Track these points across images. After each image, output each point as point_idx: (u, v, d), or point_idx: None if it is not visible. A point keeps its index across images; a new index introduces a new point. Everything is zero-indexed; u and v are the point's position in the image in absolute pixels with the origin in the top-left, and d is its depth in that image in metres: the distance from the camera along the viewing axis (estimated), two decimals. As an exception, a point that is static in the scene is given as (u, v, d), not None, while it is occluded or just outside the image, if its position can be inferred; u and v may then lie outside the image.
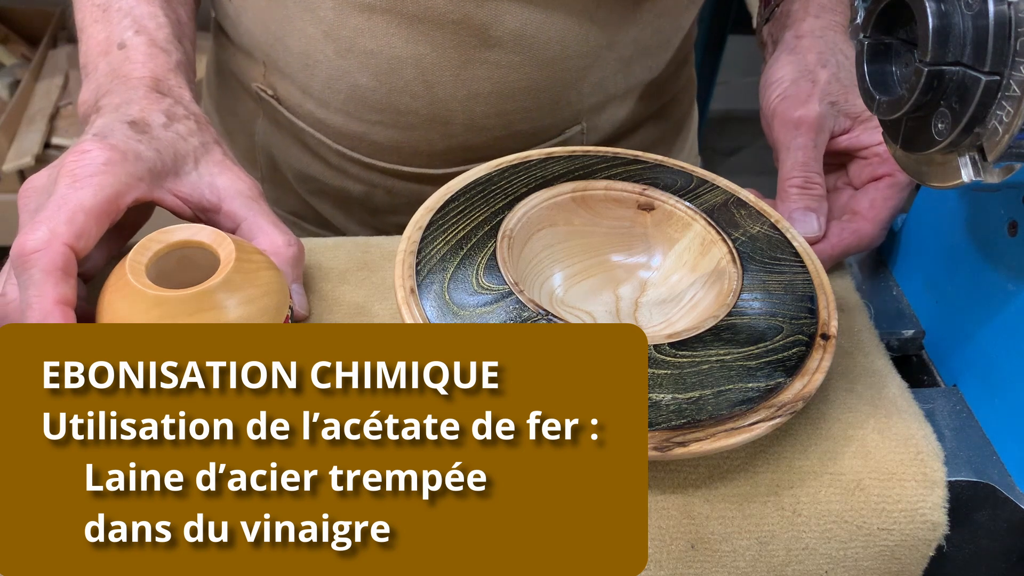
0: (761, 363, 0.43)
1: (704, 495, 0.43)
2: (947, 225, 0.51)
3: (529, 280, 0.50)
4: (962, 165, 0.39)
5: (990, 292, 0.47)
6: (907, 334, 0.53)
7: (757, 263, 0.48)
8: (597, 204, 0.52)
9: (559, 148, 0.55)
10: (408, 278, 0.46)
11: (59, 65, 1.82)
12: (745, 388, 0.41)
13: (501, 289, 0.45)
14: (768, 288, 0.47)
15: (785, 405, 0.41)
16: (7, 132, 1.71)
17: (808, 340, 0.44)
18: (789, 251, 0.49)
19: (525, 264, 0.50)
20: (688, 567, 0.42)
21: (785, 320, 0.45)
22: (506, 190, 0.51)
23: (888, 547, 0.43)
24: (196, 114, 0.51)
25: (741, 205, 0.52)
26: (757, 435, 0.40)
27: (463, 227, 0.49)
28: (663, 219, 0.52)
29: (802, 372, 0.43)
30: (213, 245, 0.43)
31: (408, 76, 0.60)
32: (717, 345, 0.43)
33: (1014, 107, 0.35)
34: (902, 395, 0.47)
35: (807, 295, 0.46)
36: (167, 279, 0.42)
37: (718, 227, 0.50)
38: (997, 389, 0.46)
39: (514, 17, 0.57)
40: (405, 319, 0.44)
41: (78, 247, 0.41)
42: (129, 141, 0.46)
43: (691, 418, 0.40)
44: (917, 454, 0.44)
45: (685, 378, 0.42)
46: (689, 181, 0.53)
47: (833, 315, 0.46)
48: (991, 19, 0.35)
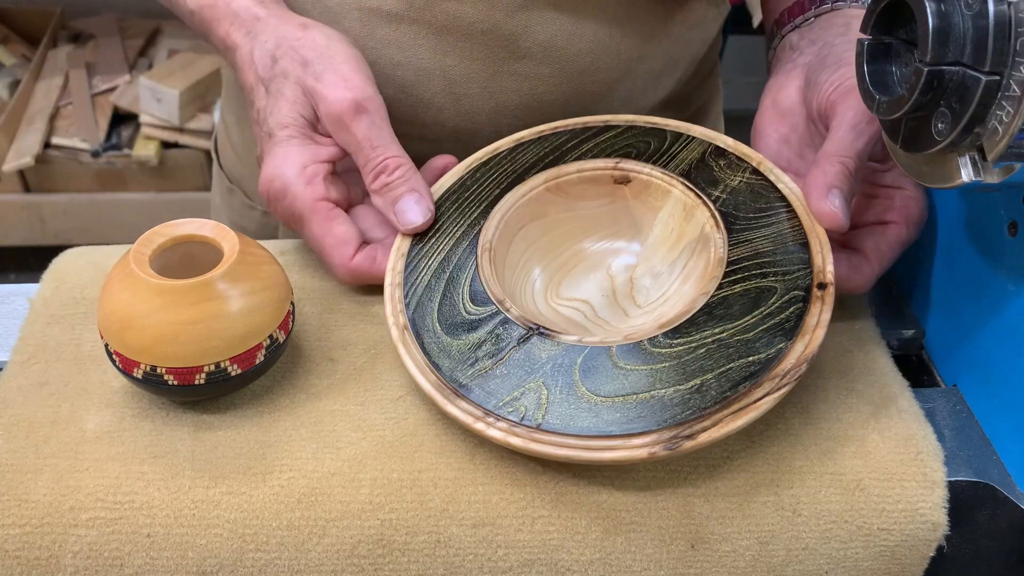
0: (759, 332, 0.42)
1: (704, 495, 0.43)
2: (947, 225, 0.51)
3: (519, 286, 0.49)
4: (962, 165, 0.39)
5: (990, 292, 0.47)
6: (907, 334, 0.53)
7: (742, 220, 0.46)
8: (572, 188, 0.51)
9: (527, 131, 0.53)
10: (399, 313, 0.46)
11: (59, 65, 1.82)
12: (746, 363, 0.41)
13: (489, 311, 0.45)
14: (756, 247, 0.45)
15: (788, 372, 0.40)
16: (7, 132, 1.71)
17: (804, 295, 0.43)
18: (774, 196, 0.47)
19: (511, 270, 0.49)
20: (688, 567, 0.42)
21: (778, 278, 0.43)
22: (479, 195, 0.50)
23: (888, 547, 0.43)
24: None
25: (720, 154, 0.50)
26: (764, 410, 0.40)
27: (443, 246, 0.48)
28: (641, 190, 0.51)
29: (802, 332, 0.41)
30: (216, 238, 0.44)
31: (435, 88, 0.59)
32: (711, 324, 0.42)
33: (1014, 107, 0.35)
34: (902, 394, 0.47)
35: (798, 243, 0.45)
36: (170, 274, 0.43)
37: (696, 189, 0.48)
38: (997, 389, 0.46)
39: (544, 28, 0.57)
40: (403, 359, 0.44)
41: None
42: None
43: (696, 408, 0.40)
44: (917, 454, 0.44)
45: (685, 367, 0.41)
46: (663, 140, 0.51)
47: (828, 259, 0.44)
48: (991, 19, 0.35)
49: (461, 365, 0.43)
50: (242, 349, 0.43)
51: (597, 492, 0.42)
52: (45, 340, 0.49)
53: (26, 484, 0.42)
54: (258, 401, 0.46)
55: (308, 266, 0.54)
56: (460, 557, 0.42)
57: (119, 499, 0.42)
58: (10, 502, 0.42)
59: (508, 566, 0.42)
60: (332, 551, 0.42)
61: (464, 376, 0.43)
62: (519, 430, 0.41)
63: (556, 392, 0.42)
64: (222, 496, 0.42)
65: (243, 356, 0.43)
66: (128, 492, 0.42)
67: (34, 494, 0.42)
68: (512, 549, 0.42)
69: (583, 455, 0.40)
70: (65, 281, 0.52)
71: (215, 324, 0.42)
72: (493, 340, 0.44)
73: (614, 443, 0.40)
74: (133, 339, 0.42)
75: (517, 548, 0.42)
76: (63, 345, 0.49)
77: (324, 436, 0.44)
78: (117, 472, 0.43)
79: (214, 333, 0.42)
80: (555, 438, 0.40)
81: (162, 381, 0.42)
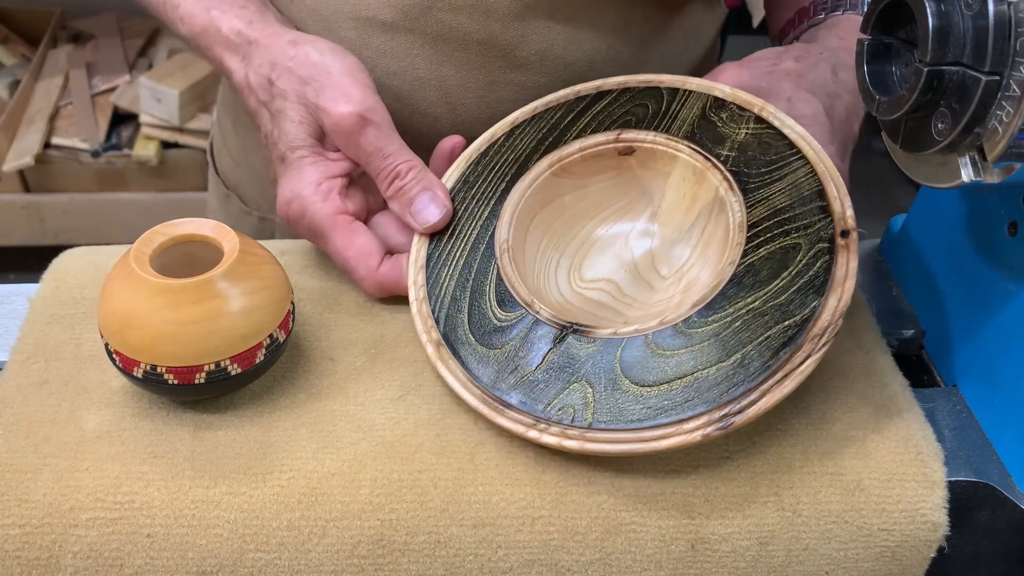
0: (791, 294, 0.41)
1: (704, 495, 0.43)
2: (947, 225, 0.51)
3: (542, 277, 0.49)
4: (962, 165, 0.39)
5: (990, 292, 0.47)
6: (907, 334, 0.53)
7: (755, 178, 0.46)
8: (577, 168, 0.51)
9: (521, 111, 0.53)
10: (431, 330, 0.46)
11: (59, 65, 1.82)
12: (783, 328, 0.41)
13: (518, 315, 0.45)
14: (774, 204, 0.44)
15: (826, 330, 0.40)
16: (7, 132, 1.71)
17: (829, 246, 0.42)
18: (783, 144, 0.46)
19: (532, 262, 0.49)
20: (688, 567, 0.42)
21: (800, 234, 0.43)
22: (485, 191, 0.50)
23: (889, 548, 0.43)
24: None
25: (720, 106, 0.49)
26: (807, 374, 0.40)
27: (460, 252, 0.48)
28: (647, 158, 0.50)
29: (833, 286, 0.41)
30: (216, 238, 0.44)
31: (431, 97, 0.59)
32: (743, 294, 0.42)
33: (1014, 107, 0.35)
34: (903, 395, 0.47)
35: (815, 191, 0.44)
36: (170, 273, 0.43)
37: (704, 151, 0.48)
38: (997, 389, 0.46)
39: (541, 37, 0.57)
40: (444, 376, 0.44)
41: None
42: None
43: (741, 382, 0.40)
44: (917, 454, 0.44)
45: (724, 342, 0.41)
46: (660, 101, 0.50)
47: (847, 204, 0.43)
48: (991, 19, 0.35)
49: (502, 374, 0.43)
50: (242, 348, 0.43)
51: (597, 492, 0.42)
52: (45, 340, 0.49)
53: (26, 484, 0.42)
54: (258, 401, 0.46)
55: (308, 266, 0.54)
56: (460, 557, 0.42)
57: (119, 499, 0.42)
58: (10, 502, 0.42)
59: (508, 566, 0.42)
60: (332, 551, 0.42)
61: (506, 385, 0.43)
62: (572, 432, 0.41)
63: (600, 389, 0.42)
64: (222, 496, 0.42)
65: (243, 355, 0.43)
66: (128, 492, 0.42)
67: (34, 494, 0.42)
68: (512, 549, 0.42)
69: (639, 448, 0.40)
70: (65, 281, 0.52)
71: (215, 323, 0.42)
72: (528, 345, 0.44)
73: (667, 431, 0.40)
74: (133, 338, 0.42)
75: (517, 548, 0.42)
76: (63, 344, 0.49)
77: (324, 436, 0.44)
78: (117, 472, 0.43)
79: (214, 332, 0.42)
80: (608, 435, 0.41)
81: (162, 380, 0.42)
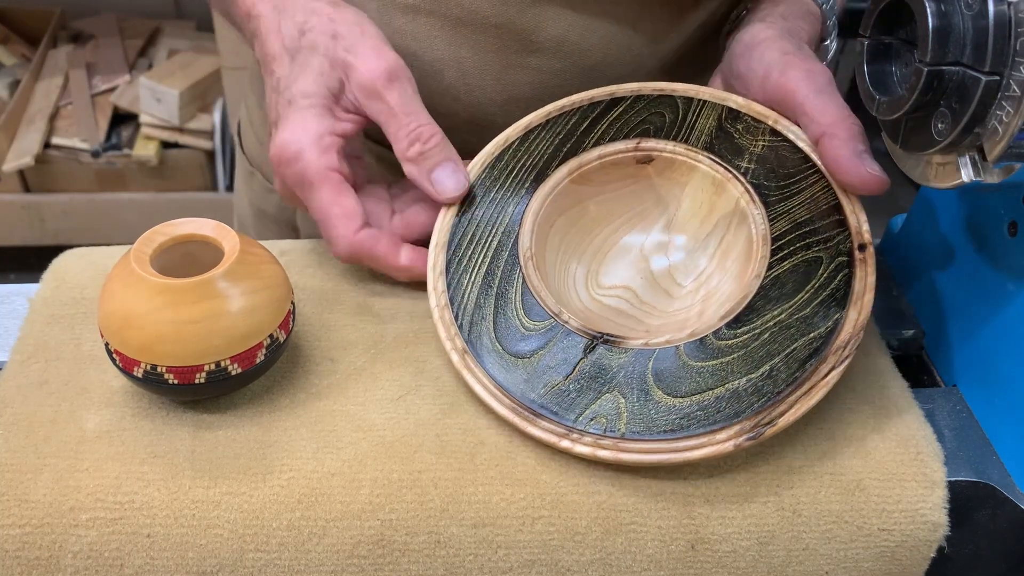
0: (815, 307, 0.42)
1: (704, 495, 0.43)
2: (947, 225, 0.51)
3: (561, 284, 0.49)
4: (962, 165, 0.39)
5: (990, 292, 0.47)
6: (907, 334, 0.53)
7: (775, 191, 0.47)
8: (596, 175, 0.51)
9: (534, 115, 0.53)
10: (455, 337, 0.45)
11: (59, 65, 1.82)
12: (808, 340, 0.41)
13: (547, 324, 0.45)
14: (795, 217, 0.45)
15: (848, 343, 0.41)
16: (7, 132, 1.71)
17: (848, 259, 0.43)
18: (798, 158, 0.47)
19: (552, 271, 0.49)
20: (688, 567, 0.42)
21: (821, 247, 0.44)
22: (504, 198, 0.50)
23: (889, 548, 0.43)
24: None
25: (735, 117, 0.50)
26: (832, 384, 0.41)
27: (482, 258, 0.48)
28: (665, 167, 0.50)
29: (853, 299, 0.42)
30: (217, 238, 0.44)
31: (449, 79, 0.60)
32: (769, 307, 0.43)
33: (1014, 107, 0.35)
34: (902, 395, 0.47)
35: (832, 206, 0.45)
36: (171, 273, 0.43)
37: (723, 162, 0.48)
38: (997, 389, 0.46)
39: (556, 24, 0.57)
40: (472, 385, 0.44)
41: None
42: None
43: (770, 393, 0.40)
44: (917, 454, 0.44)
45: (752, 355, 0.42)
46: (676, 110, 0.51)
47: (862, 218, 0.44)
48: (991, 19, 0.35)
49: (531, 384, 0.43)
50: (242, 348, 0.43)
51: (597, 492, 0.42)
52: (45, 340, 0.49)
53: (26, 484, 0.42)
54: (258, 401, 0.46)
55: (308, 266, 0.54)
56: (460, 557, 0.42)
57: (119, 499, 0.42)
58: (10, 502, 0.42)
59: (508, 566, 0.42)
60: (332, 551, 0.42)
61: (536, 395, 0.43)
62: (605, 442, 0.41)
63: (632, 399, 0.42)
64: (222, 496, 0.42)
65: (243, 355, 0.43)
66: (128, 492, 0.42)
67: (34, 494, 0.42)
68: (512, 549, 0.42)
69: (672, 458, 0.41)
70: (65, 281, 0.52)
71: (216, 323, 0.42)
72: (558, 354, 0.44)
73: (700, 440, 0.41)
74: (133, 338, 0.42)
75: (517, 548, 0.42)
76: (63, 344, 0.49)
77: (324, 436, 0.44)
78: (117, 472, 0.43)
79: (214, 332, 0.42)
80: (641, 445, 0.41)
81: (162, 380, 0.42)
